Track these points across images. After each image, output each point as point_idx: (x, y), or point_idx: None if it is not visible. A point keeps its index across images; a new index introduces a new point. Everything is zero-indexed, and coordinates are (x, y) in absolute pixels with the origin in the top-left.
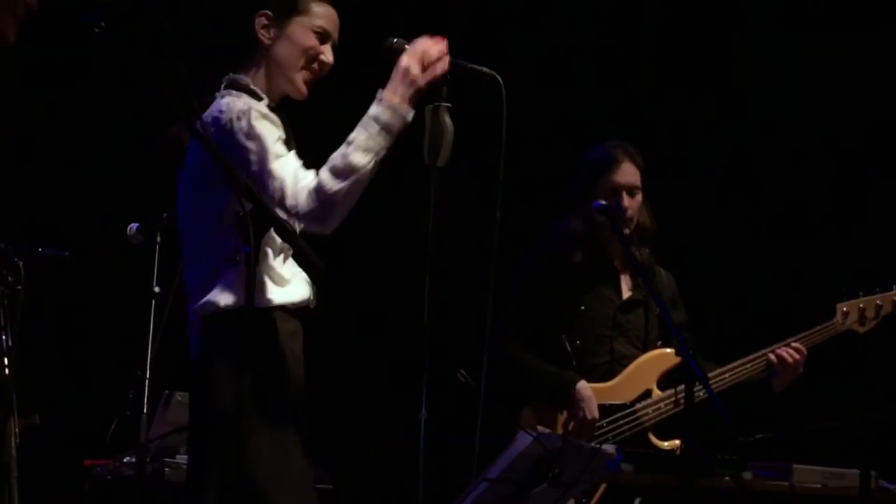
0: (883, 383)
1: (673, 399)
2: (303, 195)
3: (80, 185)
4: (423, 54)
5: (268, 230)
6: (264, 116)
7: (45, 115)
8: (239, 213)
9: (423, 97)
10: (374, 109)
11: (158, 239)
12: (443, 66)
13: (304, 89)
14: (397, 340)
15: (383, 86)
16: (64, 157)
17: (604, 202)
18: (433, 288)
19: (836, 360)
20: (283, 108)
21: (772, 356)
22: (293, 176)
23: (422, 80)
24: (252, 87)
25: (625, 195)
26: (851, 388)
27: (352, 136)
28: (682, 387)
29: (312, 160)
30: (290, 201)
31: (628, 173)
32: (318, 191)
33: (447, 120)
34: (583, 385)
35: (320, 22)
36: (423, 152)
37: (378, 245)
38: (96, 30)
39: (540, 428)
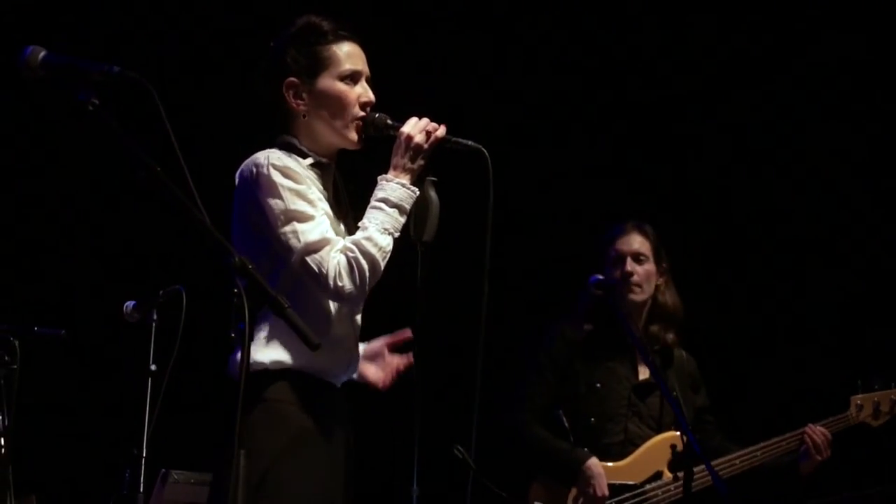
0: (886, 455)
1: (682, 482)
2: (335, 272)
3: (75, 263)
4: (420, 123)
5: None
6: (286, 170)
7: (39, 193)
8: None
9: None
10: (383, 192)
11: (155, 316)
12: (441, 132)
13: (354, 138)
14: (389, 414)
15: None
16: (58, 235)
17: (600, 276)
18: (423, 361)
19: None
20: (336, 162)
21: (808, 436)
22: (324, 245)
23: (426, 146)
24: (300, 146)
25: (629, 260)
26: (855, 462)
27: (365, 221)
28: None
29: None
30: (328, 277)
31: (634, 241)
32: (351, 269)
33: (432, 194)
34: (594, 462)
35: (346, 66)
36: (408, 227)
37: (367, 320)
38: (90, 108)
39: None
